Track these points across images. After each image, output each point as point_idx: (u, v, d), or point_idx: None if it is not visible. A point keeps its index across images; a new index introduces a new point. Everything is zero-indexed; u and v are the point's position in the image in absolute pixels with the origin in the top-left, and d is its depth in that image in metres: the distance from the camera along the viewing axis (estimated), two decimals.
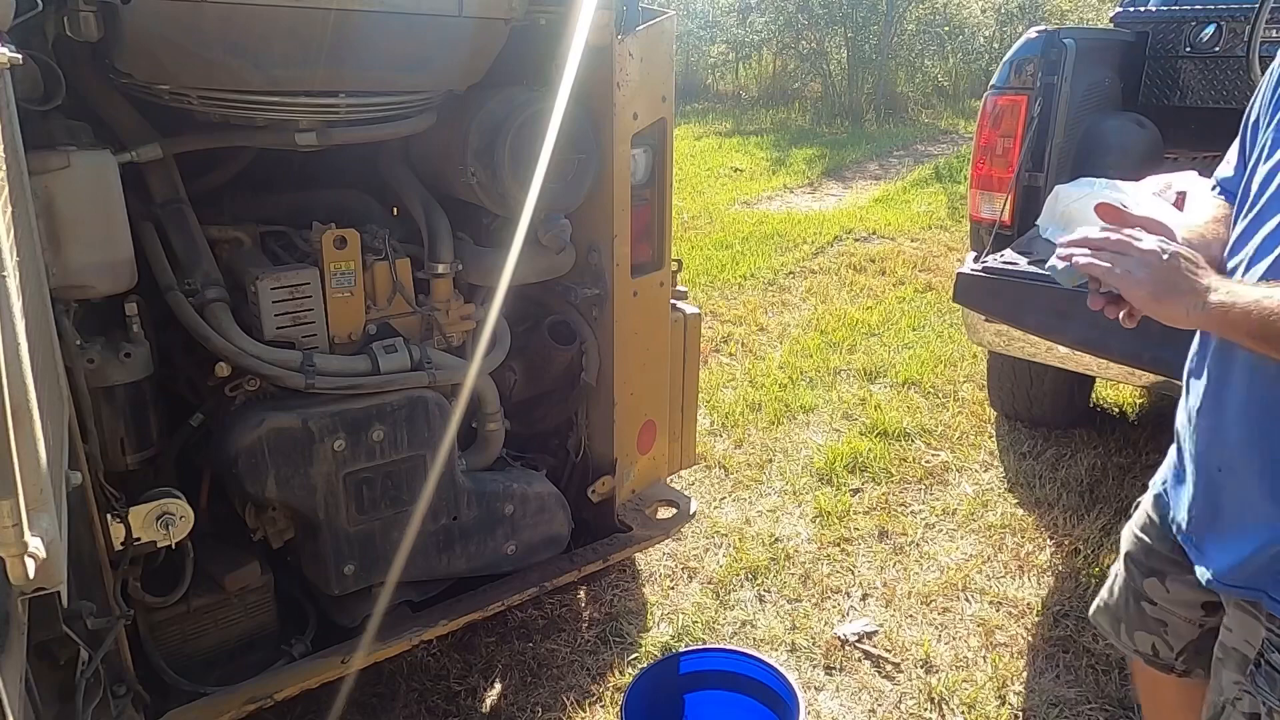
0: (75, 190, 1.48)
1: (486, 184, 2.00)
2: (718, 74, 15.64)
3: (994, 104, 3.04)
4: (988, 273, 2.60)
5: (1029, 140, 2.95)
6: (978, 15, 13.89)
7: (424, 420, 1.95)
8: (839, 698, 2.24)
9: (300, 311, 1.86)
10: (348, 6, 1.65)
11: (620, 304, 2.20)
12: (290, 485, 1.82)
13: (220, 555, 1.95)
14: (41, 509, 0.87)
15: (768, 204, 7.90)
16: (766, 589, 2.65)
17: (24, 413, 0.83)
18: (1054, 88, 2.94)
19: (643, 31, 2.04)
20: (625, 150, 2.10)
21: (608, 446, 2.33)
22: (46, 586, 0.92)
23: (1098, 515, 2.97)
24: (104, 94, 1.76)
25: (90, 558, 1.52)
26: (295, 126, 1.82)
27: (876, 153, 10.27)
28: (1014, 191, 2.99)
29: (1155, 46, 3.63)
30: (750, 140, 11.13)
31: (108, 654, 1.52)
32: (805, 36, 13.81)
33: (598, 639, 2.43)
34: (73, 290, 1.52)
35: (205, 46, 1.60)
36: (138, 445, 1.73)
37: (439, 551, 2.07)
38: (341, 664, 1.91)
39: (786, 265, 5.87)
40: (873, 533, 2.93)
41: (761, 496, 3.16)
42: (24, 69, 1.37)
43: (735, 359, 4.39)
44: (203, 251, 1.84)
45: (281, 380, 1.79)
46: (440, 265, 2.05)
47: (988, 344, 3.06)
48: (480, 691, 2.25)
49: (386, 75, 1.82)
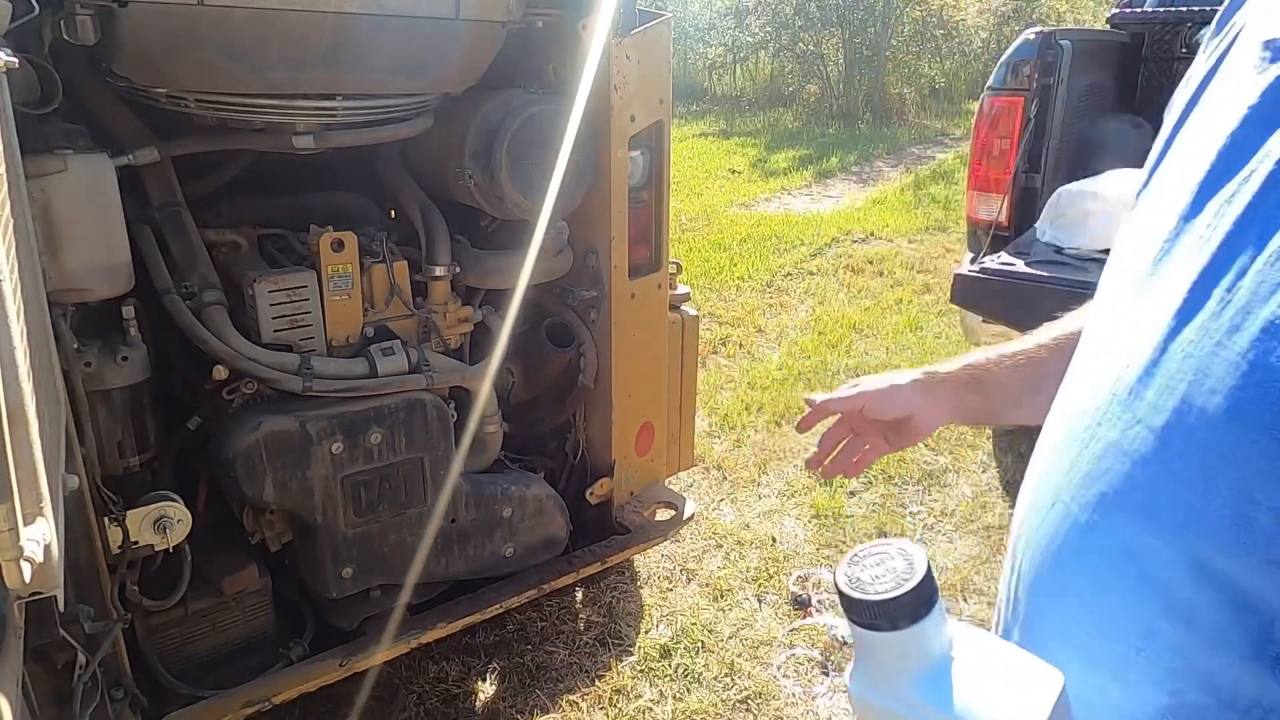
0: (72, 194, 1.48)
1: (484, 186, 2.00)
2: (715, 76, 15.66)
3: (991, 105, 3.05)
4: (985, 274, 2.61)
5: (1026, 141, 2.96)
6: (974, 17, 13.92)
7: (422, 423, 1.95)
8: (838, 698, 2.24)
9: (298, 314, 1.86)
10: (345, 10, 1.65)
11: (618, 306, 2.20)
12: (288, 488, 1.82)
13: (218, 558, 1.94)
14: (38, 513, 0.87)
15: (765, 206, 7.90)
16: (765, 590, 2.65)
17: (20, 416, 0.83)
18: (1051, 89, 2.95)
19: (640, 34, 2.05)
20: (623, 152, 2.10)
21: (606, 448, 2.33)
22: (43, 590, 0.92)
23: None
24: (101, 97, 1.76)
25: (87, 561, 1.52)
26: (292, 129, 1.82)
27: (874, 154, 10.28)
28: (1011, 192, 3.00)
29: (1152, 48, 3.64)
30: (747, 142, 11.13)
31: (105, 658, 1.52)
32: (802, 39, 13.84)
33: (596, 641, 2.42)
34: (70, 293, 1.52)
35: (202, 50, 1.60)
36: (135, 449, 1.73)
37: (437, 554, 2.07)
38: (340, 667, 1.91)
39: (784, 267, 5.87)
40: (871, 534, 2.92)
41: (760, 498, 3.16)
42: (21, 72, 1.36)
43: (733, 360, 4.39)
44: (200, 254, 1.84)
45: (279, 383, 1.79)
46: (438, 268, 2.05)
47: (986, 344, 3.06)
48: (478, 694, 2.25)
49: (384, 78, 1.82)
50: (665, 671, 2.32)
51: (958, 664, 0.53)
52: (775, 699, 2.24)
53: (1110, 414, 0.55)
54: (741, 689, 2.27)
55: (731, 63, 15.19)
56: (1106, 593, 0.54)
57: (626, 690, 2.25)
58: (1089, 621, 0.56)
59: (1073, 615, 0.57)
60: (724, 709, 2.21)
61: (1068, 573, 0.57)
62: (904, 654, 0.53)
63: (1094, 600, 0.55)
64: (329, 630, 2.05)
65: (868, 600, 0.53)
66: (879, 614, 0.53)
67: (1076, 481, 0.57)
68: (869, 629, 0.53)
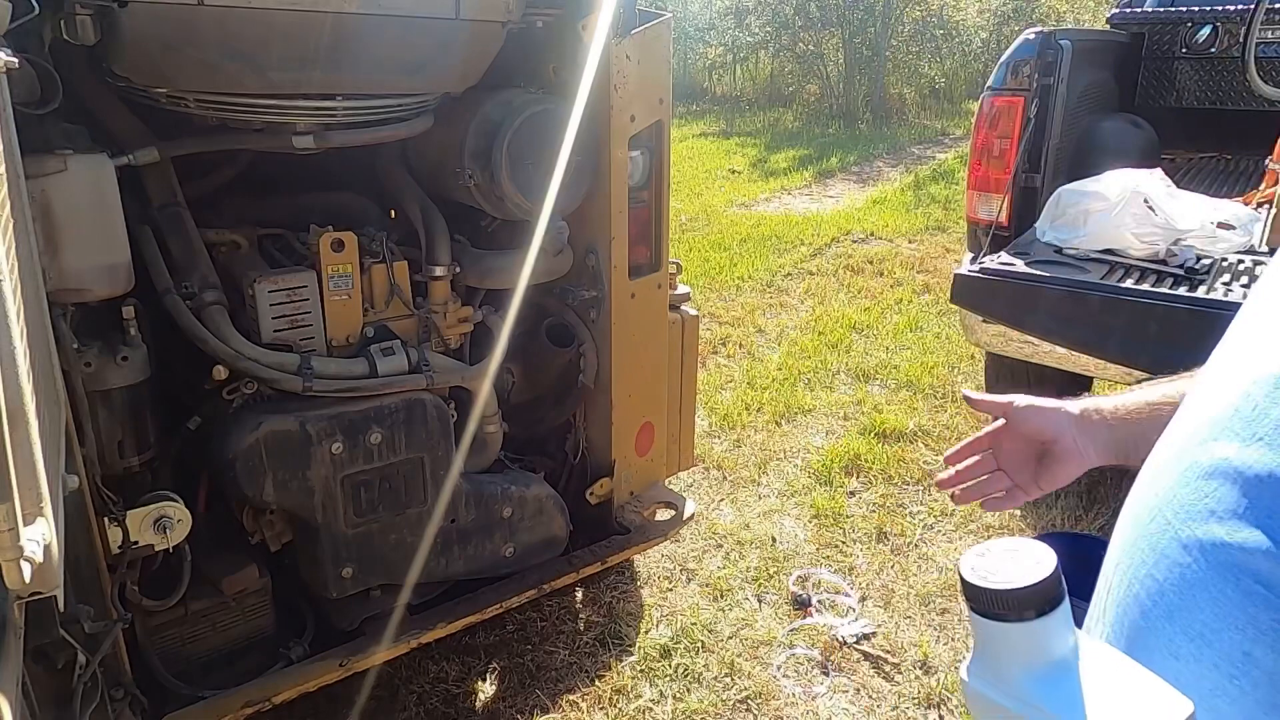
0: (72, 194, 1.48)
1: (484, 186, 2.00)
2: (715, 76, 15.66)
3: (991, 105, 3.05)
4: (985, 274, 2.61)
5: (1026, 141, 2.96)
6: (974, 17, 13.92)
7: (422, 423, 1.94)
8: (838, 698, 2.24)
9: (298, 314, 1.86)
10: (345, 10, 1.65)
11: (618, 306, 2.20)
12: (288, 488, 1.82)
13: (218, 558, 1.94)
14: (38, 513, 0.87)
15: (765, 205, 7.90)
16: (765, 590, 2.65)
17: (20, 416, 0.83)
18: (1050, 89, 2.95)
19: (640, 34, 2.04)
20: (623, 152, 2.10)
21: (606, 448, 2.33)
22: (43, 590, 0.92)
23: (1096, 516, 2.97)
24: (101, 97, 1.76)
25: (87, 561, 1.52)
26: (292, 129, 1.82)
27: (874, 154, 10.28)
28: (1011, 192, 3.00)
29: (1151, 47, 3.64)
30: (747, 142, 11.14)
31: (105, 658, 1.52)
32: (802, 39, 13.84)
33: (596, 641, 2.42)
34: (70, 293, 1.52)
35: (202, 50, 1.60)
36: (135, 449, 1.73)
37: (437, 554, 2.07)
38: (340, 667, 1.91)
39: (784, 267, 5.87)
40: (871, 534, 2.93)
41: (760, 498, 3.16)
42: (21, 72, 1.36)
43: (733, 360, 4.39)
44: (200, 254, 1.84)
45: (279, 383, 1.79)
46: (438, 268, 2.05)
47: (986, 345, 3.06)
48: (478, 694, 2.25)
49: (384, 78, 1.82)
50: (665, 671, 2.32)
51: (1085, 674, 0.51)
52: (775, 699, 2.24)
53: (1230, 429, 0.52)
54: (741, 689, 2.27)
55: (731, 63, 15.19)
56: (1204, 612, 0.51)
57: (626, 690, 2.25)
58: (1180, 644, 0.53)
59: (1163, 635, 0.54)
60: (724, 709, 2.21)
61: (1166, 592, 0.55)
62: (1027, 649, 0.51)
63: (1188, 621, 0.52)
64: (329, 630, 2.05)
65: (994, 589, 0.51)
66: (1005, 603, 0.51)
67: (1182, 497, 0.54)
68: (993, 619, 0.52)
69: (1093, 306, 2.45)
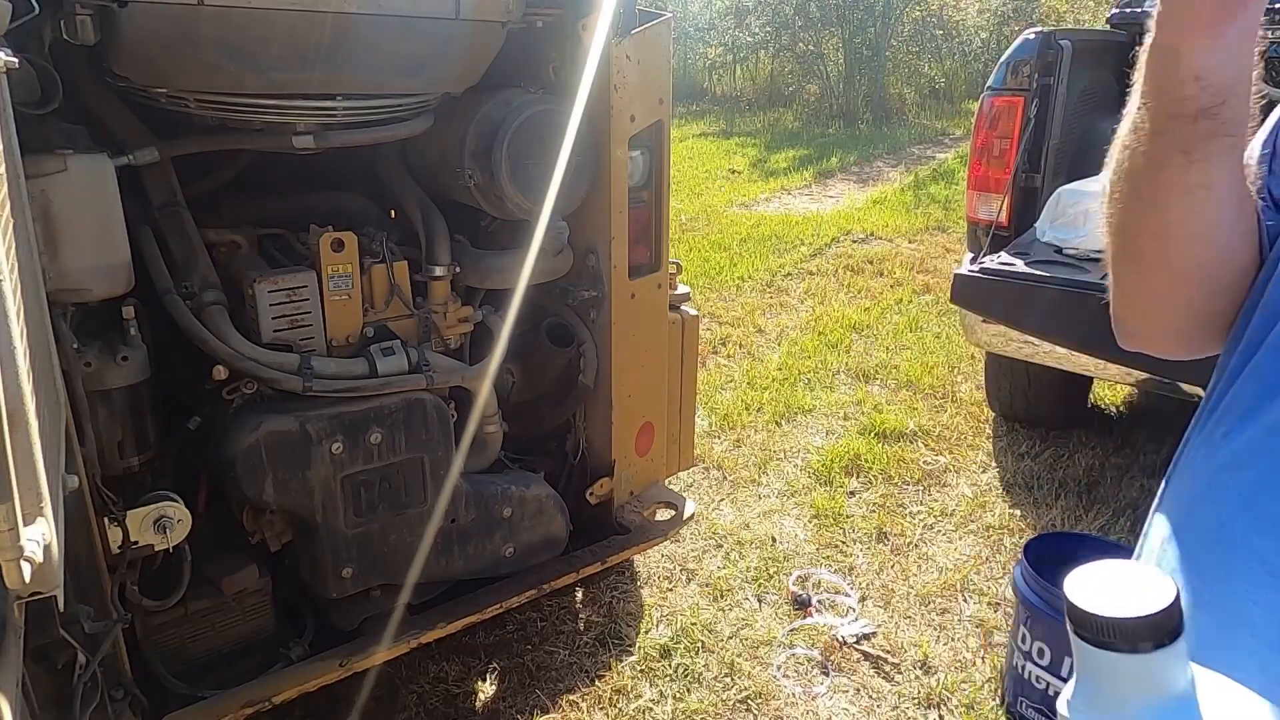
0: (72, 194, 1.48)
1: (484, 186, 2.00)
2: (715, 76, 15.66)
3: (991, 105, 3.05)
4: (985, 274, 2.61)
5: (1026, 141, 2.96)
6: (974, 17, 13.92)
7: (422, 423, 1.94)
8: (838, 698, 2.24)
9: (298, 314, 1.86)
10: (344, 10, 1.65)
11: (618, 306, 2.20)
12: (288, 488, 1.82)
13: (218, 558, 1.94)
14: (38, 513, 0.87)
15: (765, 205, 7.90)
16: (765, 590, 2.65)
17: (20, 416, 0.83)
18: (1050, 89, 2.95)
19: (640, 34, 2.04)
20: (623, 152, 2.10)
21: (606, 448, 2.33)
22: (43, 590, 0.92)
23: (1096, 516, 2.97)
24: (101, 97, 1.76)
25: (87, 561, 1.52)
26: (292, 129, 1.82)
27: (874, 154, 10.28)
28: (1011, 192, 3.00)
29: None
30: (747, 142, 11.14)
31: (105, 658, 1.52)
32: (802, 39, 13.84)
33: (596, 641, 2.42)
34: (70, 294, 1.52)
35: (202, 50, 1.60)
36: (135, 449, 1.73)
37: (437, 554, 2.07)
38: (340, 667, 1.91)
39: (784, 267, 5.87)
40: (871, 534, 2.93)
41: (760, 498, 3.16)
42: (21, 73, 1.36)
43: (733, 360, 4.39)
44: (200, 254, 1.84)
45: (279, 383, 1.79)
46: (438, 268, 2.05)
47: (986, 345, 3.06)
48: (478, 694, 2.25)
49: (384, 78, 1.82)
50: (665, 671, 2.32)
51: (1206, 712, 0.48)
52: (775, 699, 2.24)
53: None
54: (741, 689, 2.27)
55: (731, 63, 15.20)
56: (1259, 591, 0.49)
57: (626, 690, 2.25)
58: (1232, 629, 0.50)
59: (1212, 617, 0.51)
60: (724, 709, 2.21)
61: (1217, 568, 0.52)
62: (1139, 683, 0.48)
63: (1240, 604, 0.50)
64: (329, 630, 2.05)
65: (1106, 617, 0.47)
66: (1119, 632, 0.47)
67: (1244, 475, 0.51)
68: (1103, 648, 0.48)
69: (1093, 306, 2.44)
